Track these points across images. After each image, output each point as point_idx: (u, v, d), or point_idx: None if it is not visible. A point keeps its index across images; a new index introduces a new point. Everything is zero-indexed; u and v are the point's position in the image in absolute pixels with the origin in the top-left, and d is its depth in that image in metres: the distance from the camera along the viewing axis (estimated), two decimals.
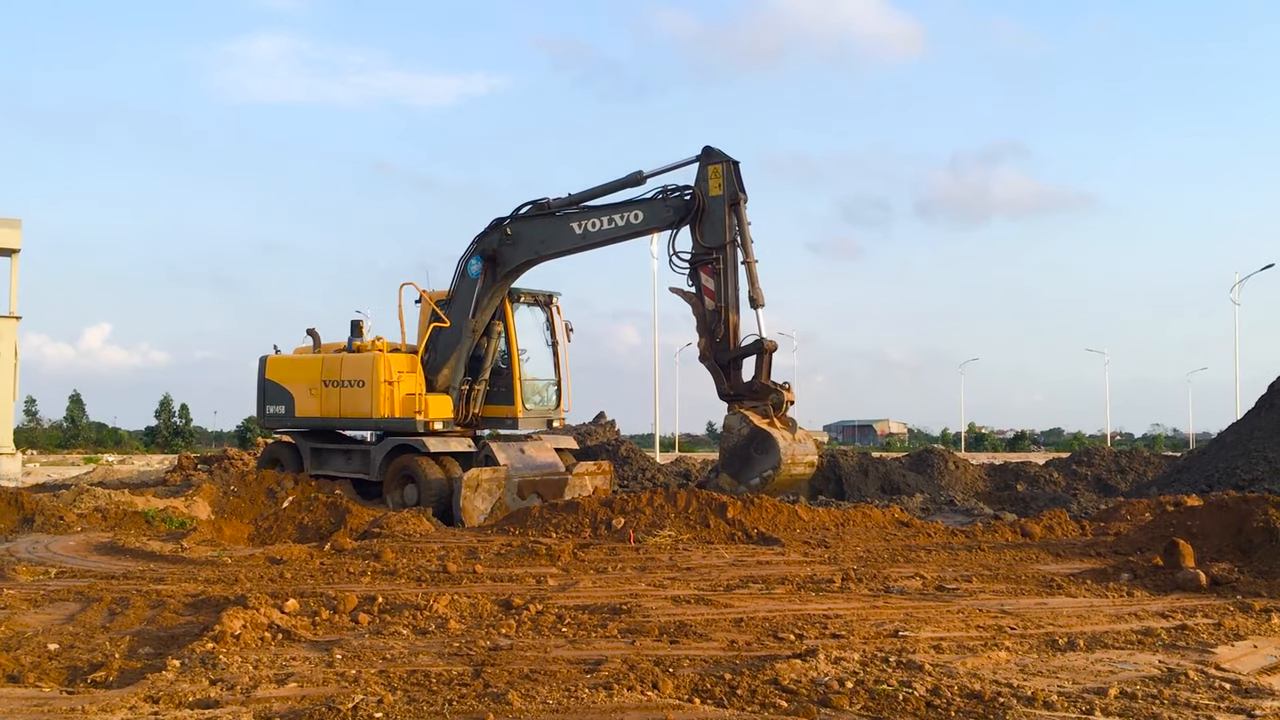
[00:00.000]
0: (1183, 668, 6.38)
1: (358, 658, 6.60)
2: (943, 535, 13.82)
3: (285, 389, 18.12)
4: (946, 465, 27.20)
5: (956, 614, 8.22)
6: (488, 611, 8.19)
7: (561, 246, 16.64)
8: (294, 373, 18.23)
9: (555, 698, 5.55)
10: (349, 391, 17.46)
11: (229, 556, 12.02)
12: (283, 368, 18.38)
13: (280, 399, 18.14)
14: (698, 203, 15.22)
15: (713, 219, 15.20)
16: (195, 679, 5.99)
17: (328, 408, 17.72)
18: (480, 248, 17.13)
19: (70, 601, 8.86)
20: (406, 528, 13.75)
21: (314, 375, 17.90)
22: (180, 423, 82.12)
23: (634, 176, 15.95)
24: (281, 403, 18.14)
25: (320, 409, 17.78)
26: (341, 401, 17.54)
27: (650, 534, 13.12)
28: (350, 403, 17.44)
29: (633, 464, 27.31)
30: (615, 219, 16.02)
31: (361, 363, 17.43)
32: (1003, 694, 5.66)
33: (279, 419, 18.35)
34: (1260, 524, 10.68)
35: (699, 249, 15.30)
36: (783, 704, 5.52)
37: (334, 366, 17.73)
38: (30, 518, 14.45)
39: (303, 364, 18.29)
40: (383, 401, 17.10)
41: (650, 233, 16.48)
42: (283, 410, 18.15)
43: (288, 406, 18.08)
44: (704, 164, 15.35)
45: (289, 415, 18.12)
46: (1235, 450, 20.56)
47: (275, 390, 18.25)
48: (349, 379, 17.49)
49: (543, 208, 16.67)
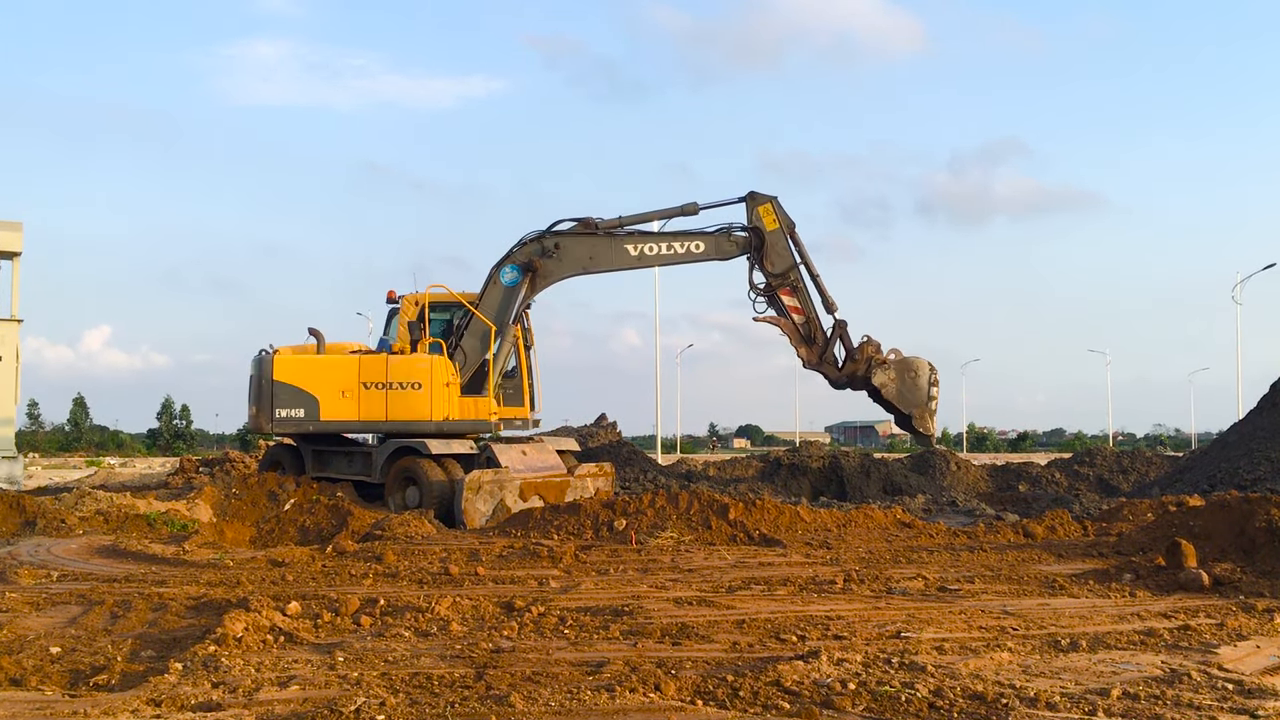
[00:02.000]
0: (1185, 668, 6.37)
1: (360, 660, 6.60)
2: (945, 536, 13.82)
3: (306, 392, 17.27)
4: (948, 466, 27.22)
5: (959, 615, 8.21)
6: (490, 613, 8.19)
7: (613, 265, 17.77)
8: (318, 374, 17.37)
9: (557, 700, 5.55)
10: (399, 394, 17.10)
11: (231, 559, 12.03)
12: (302, 369, 17.45)
13: (297, 402, 17.21)
14: (758, 239, 17.26)
15: (777, 249, 17.28)
16: (197, 682, 5.99)
17: (368, 411, 17.15)
18: (519, 257, 17.65)
19: (72, 604, 8.86)
20: (408, 530, 13.76)
21: (348, 377, 17.24)
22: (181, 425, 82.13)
23: (689, 207, 17.53)
24: (299, 405, 17.21)
25: (358, 412, 17.17)
26: (389, 404, 17.10)
27: (652, 535, 13.12)
28: (402, 405, 17.07)
29: (634, 466, 27.34)
30: (675, 246, 17.55)
31: (416, 365, 17.20)
32: (1005, 695, 5.65)
33: (295, 423, 17.38)
34: (1263, 524, 10.67)
35: (772, 277, 17.26)
36: (785, 706, 5.52)
37: (376, 368, 17.20)
38: (32, 521, 14.45)
39: (329, 365, 17.49)
40: (443, 403, 17.09)
41: (706, 261, 17.80)
42: (302, 414, 17.23)
43: (308, 410, 17.23)
44: (752, 205, 17.39)
45: (311, 418, 17.26)
46: (1237, 450, 20.55)
47: (290, 393, 17.28)
48: (399, 381, 17.14)
49: (588, 225, 17.61)
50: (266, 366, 17.35)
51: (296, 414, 17.24)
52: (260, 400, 17.41)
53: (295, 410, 17.21)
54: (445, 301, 17.84)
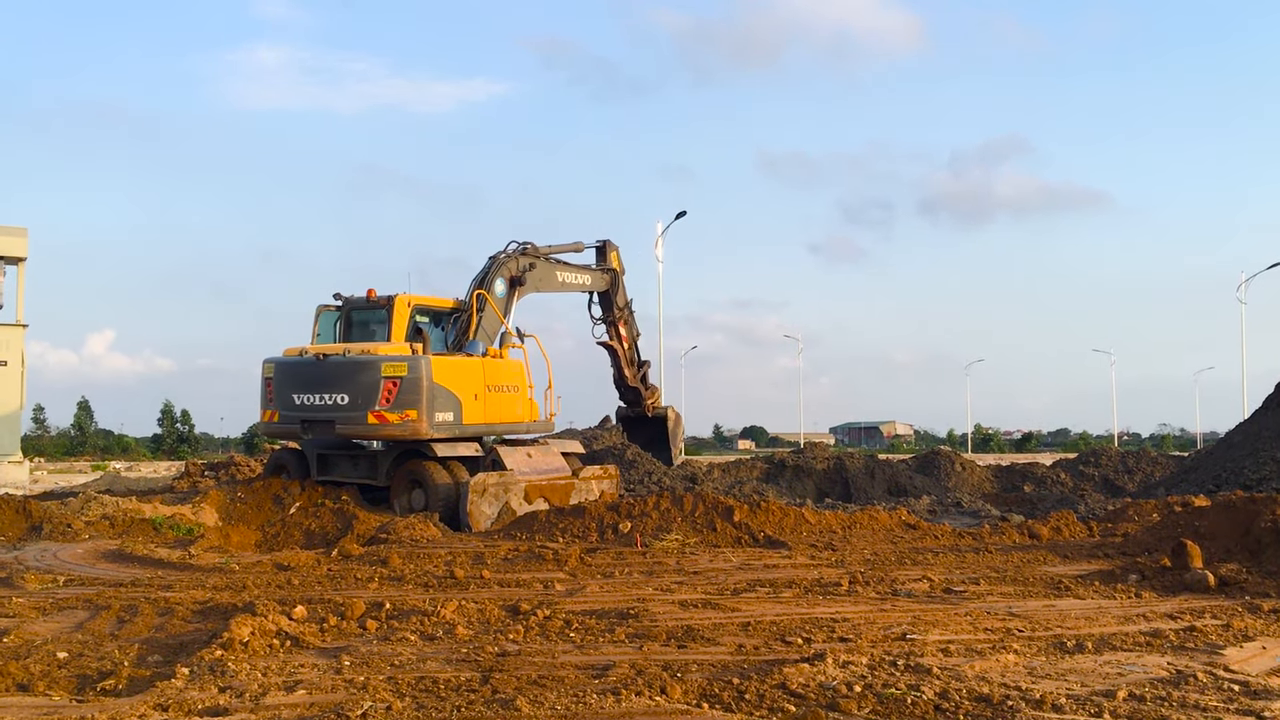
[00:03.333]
0: (1191, 669, 6.37)
1: (366, 664, 6.61)
2: (950, 537, 13.82)
3: (453, 394, 16.65)
4: (953, 467, 27.17)
5: (964, 616, 8.21)
6: (495, 617, 8.20)
7: (550, 288, 20.28)
8: (462, 377, 16.90)
9: (563, 703, 5.56)
10: (505, 397, 17.35)
11: (237, 563, 12.05)
12: (451, 371, 16.82)
13: (449, 405, 16.55)
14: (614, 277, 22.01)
15: (622, 287, 22.33)
16: (204, 687, 6.01)
17: (491, 414, 17.19)
18: (505, 272, 18.61)
19: (79, 609, 8.88)
20: (413, 533, 13.77)
21: (478, 380, 17.07)
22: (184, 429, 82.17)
23: (577, 244, 21.16)
24: (449, 409, 16.59)
25: (484, 415, 17.11)
26: (502, 408, 17.37)
27: (657, 538, 13.13)
28: (508, 408, 17.45)
29: (639, 468, 27.32)
30: (581, 278, 21.12)
31: (514, 368, 17.53)
32: (1011, 697, 5.65)
33: (448, 427, 16.63)
34: (1269, 524, 10.66)
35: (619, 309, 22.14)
36: (791, 708, 5.52)
37: (496, 371, 17.28)
38: (38, 526, 14.47)
39: (470, 367, 17.15)
40: (528, 406, 17.78)
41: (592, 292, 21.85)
42: (450, 417, 16.60)
43: (455, 413, 16.66)
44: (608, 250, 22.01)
45: (457, 422, 16.71)
46: (1243, 450, 20.51)
47: (444, 396, 16.53)
48: (505, 385, 17.35)
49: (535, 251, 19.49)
50: (423, 367, 16.31)
51: (448, 418, 16.57)
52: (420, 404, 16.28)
53: (447, 414, 16.56)
54: (434, 307, 17.78)
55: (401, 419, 16.15)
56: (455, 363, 16.92)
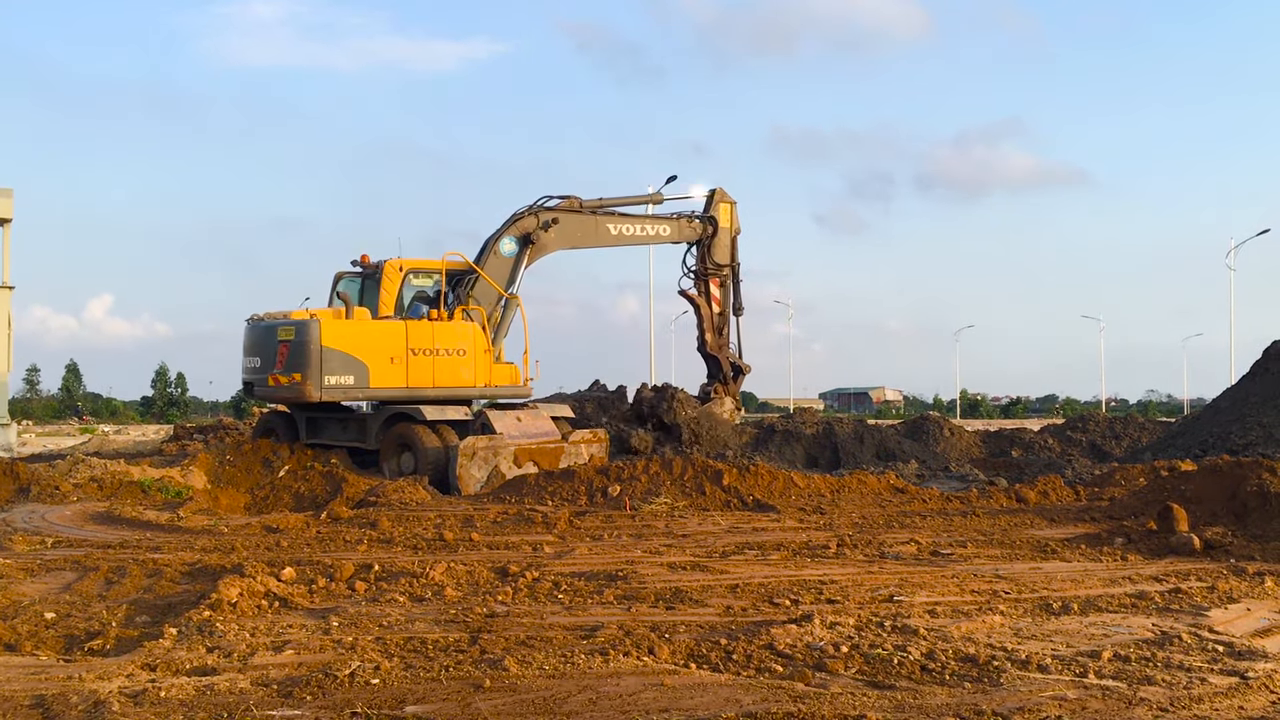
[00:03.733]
0: (1176, 631, 6.41)
1: (354, 625, 6.61)
2: (938, 501, 13.88)
3: (355, 358, 16.55)
4: (942, 432, 27.18)
5: (951, 579, 8.25)
6: (484, 579, 8.21)
7: (596, 243, 19.41)
8: (367, 340, 16.75)
9: (552, 664, 5.57)
10: (446, 360, 16.96)
11: (225, 525, 12.03)
12: (350, 334, 16.69)
13: (347, 368, 16.45)
14: (713, 227, 20.23)
15: (723, 244, 20.41)
16: (192, 647, 6.01)
17: (416, 378, 16.85)
18: (516, 229, 18.12)
19: (67, 571, 8.86)
20: (403, 496, 13.77)
21: (396, 343, 16.78)
22: (176, 393, 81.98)
23: (655, 196, 20.13)
24: (349, 372, 16.47)
25: (406, 379, 16.80)
26: (436, 371, 16.93)
27: (646, 501, 13.16)
28: (449, 372, 17.01)
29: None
30: (647, 229, 19.90)
31: (460, 331, 17.13)
32: (997, 657, 5.69)
33: (344, 390, 16.60)
34: (1254, 488, 10.73)
35: (713, 266, 20.17)
36: (778, 668, 5.55)
37: (424, 335, 16.89)
38: (26, 488, 14.42)
39: (378, 330, 16.93)
40: (484, 370, 17.27)
41: (668, 244, 20.45)
42: (351, 380, 16.52)
43: (358, 376, 16.55)
44: (715, 199, 20.22)
45: (360, 386, 16.63)
46: (1229, 415, 20.59)
47: (339, 359, 16.41)
48: (446, 348, 17.00)
49: (574, 205, 18.74)
50: (310, 331, 16.34)
51: (346, 381, 16.54)
52: (307, 367, 16.39)
53: (345, 377, 16.51)
54: (427, 268, 17.70)
55: (290, 381, 16.42)
56: (355, 326, 16.79)
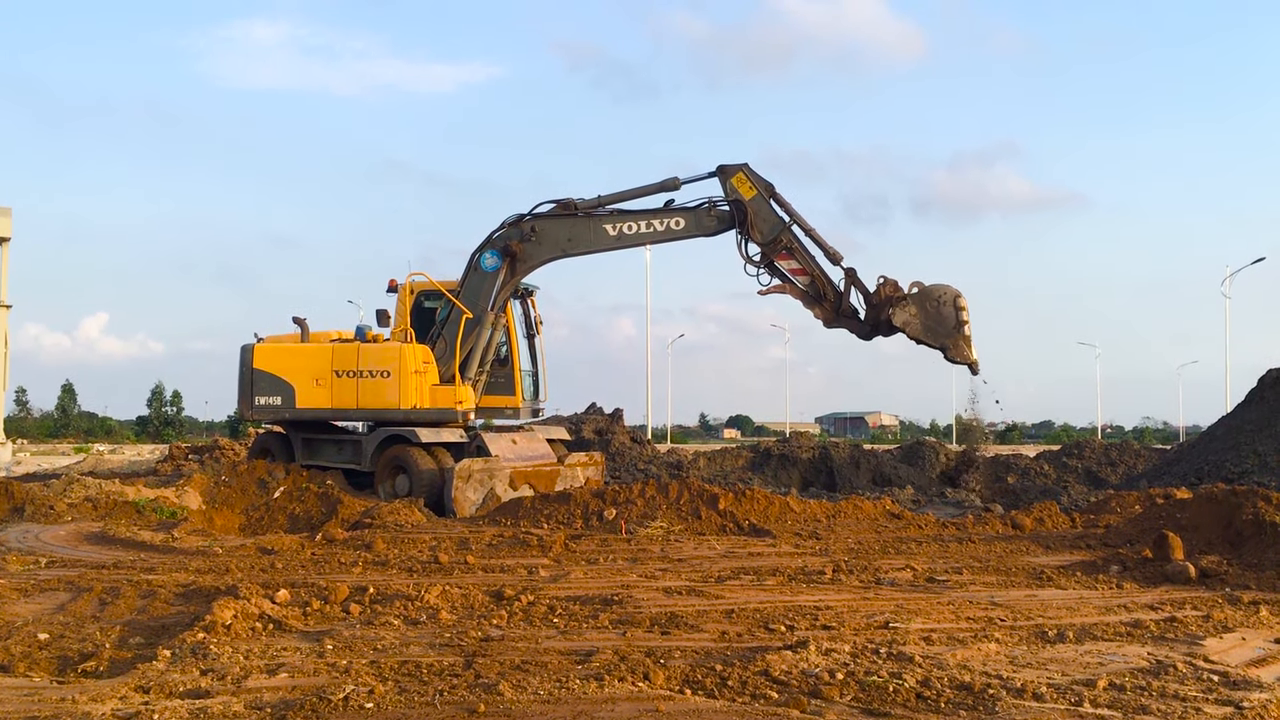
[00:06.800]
0: (1171, 660, 6.41)
1: (349, 648, 6.59)
2: (933, 527, 13.87)
3: (282, 379, 17.42)
4: (937, 457, 27.28)
5: (947, 606, 8.24)
6: (479, 602, 8.19)
7: (592, 247, 17.23)
8: (293, 362, 17.50)
9: (546, 688, 5.56)
10: (370, 382, 17.08)
11: (220, 546, 12.00)
12: (278, 357, 17.60)
13: (275, 389, 17.40)
14: (740, 210, 16.47)
15: (760, 215, 16.47)
16: (186, 669, 5.98)
17: (340, 399, 17.22)
18: (498, 242, 17.36)
19: (61, 591, 8.83)
20: (398, 518, 13.75)
21: (322, 365, 17.30)
22: (172, 412, 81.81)
23: (669, 182, 16.75)
24: (277, 393, 17.39)
25: (331, 400, 17.25)
26: (360, 392, 17.14)
27: (642, 525, 13.14)
28: (372, 393, 17.09)
29: (624, 457, 27.37)
30: (655, 224, 16.85)
31: (386, 353, 17.15)
32: (992, 685, 5.68)
33: (273, 410, 17.57)
34: (1249, 517, 10.74)
35: (764, 245, 16.45)
36: (773, 695, 5.54)
37: (348, 356, 17.23)
38: (20, 507, 14.39)
39: (305, 353, 17.54)
40: (412, 392, 16.99)
41: (689, 237, 17.03)
42: (279, 401, 17.39)
43: (285, 397, 17.37)
44: (724, 178, 16.60)
45: (287, 406, 17.41)
46: (1225, 443, 20.63)
47: (268, 380, 17.48)
48: (370, 369, 17.12)
49: (568, 207, 17.11)
50: (247, 355, 17.65)
51: (274, 401, 17.48)
52: (241, 388, 17.71)
53: (273, 398, 17.46)
54: (438, 290, 17.81)
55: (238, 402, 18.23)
56: (284, 349, 17.77)
